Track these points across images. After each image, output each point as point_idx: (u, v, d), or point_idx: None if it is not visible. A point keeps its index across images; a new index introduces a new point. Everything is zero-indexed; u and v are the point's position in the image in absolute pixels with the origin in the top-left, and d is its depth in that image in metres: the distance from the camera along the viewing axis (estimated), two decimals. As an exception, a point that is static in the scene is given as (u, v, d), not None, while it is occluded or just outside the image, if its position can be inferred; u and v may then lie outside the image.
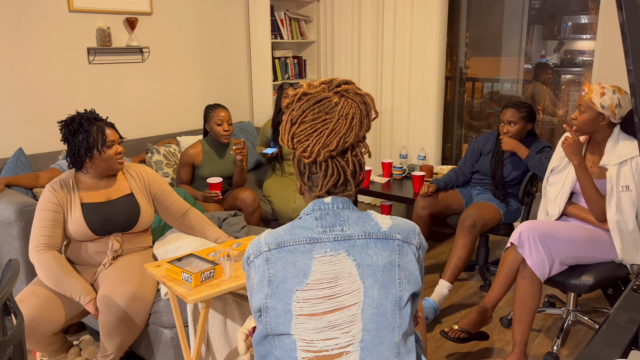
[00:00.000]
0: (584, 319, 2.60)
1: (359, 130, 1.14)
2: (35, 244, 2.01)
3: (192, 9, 3.91)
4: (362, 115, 1.14)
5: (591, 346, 1.09)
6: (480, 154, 3.09)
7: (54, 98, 3.24)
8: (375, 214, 1.17)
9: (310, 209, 1.16)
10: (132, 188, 2.22)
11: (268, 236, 1.15)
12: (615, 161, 2.22)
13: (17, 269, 1.35)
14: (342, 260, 1.11)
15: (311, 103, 1.14)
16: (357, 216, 1.15)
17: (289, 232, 1.14)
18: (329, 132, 1.11)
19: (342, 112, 1.12)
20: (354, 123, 1.13)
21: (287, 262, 1.11)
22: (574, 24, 3.65)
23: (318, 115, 1.13)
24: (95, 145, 2.05)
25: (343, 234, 1.12)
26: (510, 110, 2.87)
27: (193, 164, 3.17)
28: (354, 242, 1.12)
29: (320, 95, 1.14)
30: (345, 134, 1.12)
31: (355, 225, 1.14)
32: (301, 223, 1.15)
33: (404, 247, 1.14)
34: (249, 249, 1.18)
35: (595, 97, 2.21)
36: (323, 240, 1.12)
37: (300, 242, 1.12)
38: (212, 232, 2.31)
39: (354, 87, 1.16)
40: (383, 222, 1.16)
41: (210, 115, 3.11)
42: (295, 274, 1.10)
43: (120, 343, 1.99)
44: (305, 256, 1.11)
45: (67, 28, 3.23)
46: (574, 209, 2.39)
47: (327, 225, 1.13)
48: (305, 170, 1.18)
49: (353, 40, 4.41)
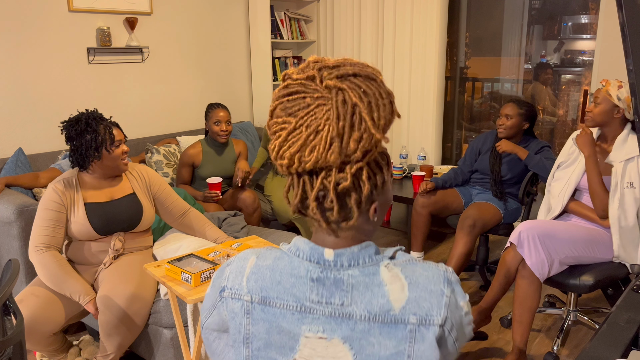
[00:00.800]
0: (584, 319, 2.60)
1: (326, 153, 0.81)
2: (36, 244, 2.01)
3: (192, 9, 3.90)
4: (333, 134, 0.80)
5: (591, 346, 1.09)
6: (479, 153, 3.10)
7: (54, 98, 3.24)
8: (389, 282, 0.86)
9: (306, 255, 0.90)
10: (134, 188, 2.22)
11: (252, 278, 0.91)
12: (622, 158, 2.24)
13: (17, 269, 1.34)
14: (336, 347, 0.87)
15: (282, 93, 0.86)
16: (364, 285, 0.86)
17: (277, 285, 0.89)
18: (282, 142, 0.84)
19: (305, 121, 0.82)
20: (316, 141, 0.81)
21: (272, 327, 0.89)
22: (574, 24, 3.65)
23: (280, 114, 0.85)
24: (104, 145, 2.06)
25: (342, 311, 0.87)
26: (510, 105, 2.90)
27: (193, 163, 3.17)
28: (354, 324, 0.86)
29: (297, 87, 0.85)
30: (299, 151, 0.82)
31: (359, 299, 0.86)
32: (293, 274, 0.89)
33: (419, 332, 0.85)
34: (230, 278, 0.93)
35: (613, 90, 2.24)
36: (316, 313, 0.87)
37: (289, 308, 0.88)
38: (212, 232, 2.31)
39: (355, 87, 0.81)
40: (397, 296, 0.86)
41: (210, 114, 3.12)
42: (280, 344, 0.89)
43: (120, 343, 1.99)
44: (292, 327, 0.88)
45: (67, 28, 3.23)
46: (576, 206, 2.40)
47: (325, 294, 0.87)
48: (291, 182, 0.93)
49: (353, 40, 4.41)
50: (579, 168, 2.38)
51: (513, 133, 2.91)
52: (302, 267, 0.89)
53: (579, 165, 2.38)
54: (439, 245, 3.80)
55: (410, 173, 3.88)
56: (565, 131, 3.85)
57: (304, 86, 0.84)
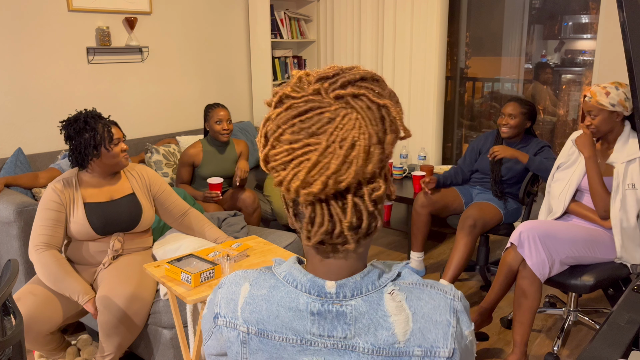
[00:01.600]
0: (585, 319, 2.59)
1: (365, 164, 0.72)
2: (35, 243, 2.01)
3: (191, 9, 3.90)
4: (371, 143, 0.73)
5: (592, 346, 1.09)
6: (480, 153, 3.10)
7: (53, 98, 3.24)
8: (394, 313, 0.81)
9: (305, 287, 0.83)
10: (134, 188, 2.22)
11: (247, 309, 0.85)
12: (623, 159, 2.23)
13: (17, 269, 1.34)
14: None
15: (291, 114, 0.74)
16: (369, 317, 0.81)
17: (275, 319, 0.83)
18: (312, 166, 0.72)
19: (336, 137, 0.72)
20: (353, 155, 0.72)
21: (271, 358, 0.85)
22: (574, 23, 3.64)
23: (298, 137, 0.73)
24: (103, 143, 2.06)
25: (345, 343, 0.82)
26: (513, 104, 2.89)
27: (193, 163, 3.17)
28: (357, 357, 0.81)
29: (309, 102, 0.74)
30: (338, 171, 0.72)
31: (363, 332, 0.81)
32: (291, 307, 0.83)
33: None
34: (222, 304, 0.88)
35: (602, 99, 2.21)
36: (318, 345, 0.83)
37: (289, 342, 0.83)
38: (212, 232, 2.30)
39: (371, 91, 0.74)
40: (401, 329, 0.81)
41: (210, 114, 3.11)
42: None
43: (119, 343, 1.99)
44: (293, 357, 0.84)
45: (66, 27, 3.23)
46: (577, 207, 2.40)
47: (327, 327, 0.82)
48: (290, 204, 0.82)
49: (353, 40, 4.41)
50: (579, 169, 2.37)
51: (516, 132, 2.90)
52: (302, 300, 0.83)
53: (579, 166, 2.37)
54: (439, 245, 3.80)
55: (410, 173, 3.87)
56: (565, 131, 3.85)
57: (313, 102, 0.74)
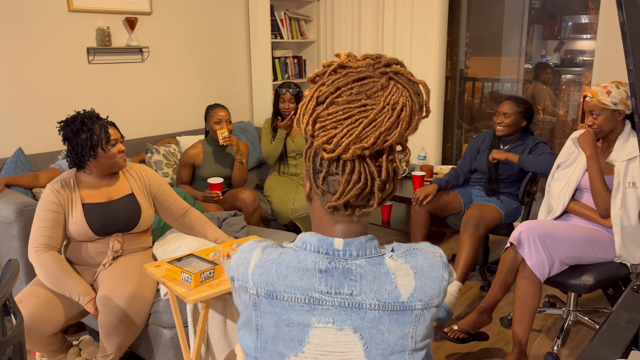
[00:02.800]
0: (585, 319, 2.60)
1: (406, 128, 0.86)
2: (35, 244, 2.01)
3: (192, 9, 3.90)
4: (414, 109, 0.86)
5: (591, 346, 1.09)
6: (478, 151, 3.10)
7: (54, 98, 3.24)
8: (396, 270, 0.90)
9: (313, 246, 0.91)
10: (132, 188, 2.22)
11: (257, 272, 0.91)
12: (624, 157, 2.23)
13: (17, 269, 1.34)
14: (347, 336, 0.89)
15: (350, 79, 0.86)
16: (372, 275, 0.89)
17: (284, 279, 0.90)
18: (368, 123, 0.84)
19: (390, 100, 0.84)
20: (402, 116, 0.85)
21: (280, 320, 0.90)
22: (574, 23, 3.65)
23: (357, 98, 0.85)
24: (100, 144, 2.05)
25: (352, 300, 0.89)
26: (508, 103, 2.91)
27: (193, 164, 3.17)
28: (364, 313, 0.88)
29: (364, 72, 0.86)
30: (389, 129, 0.84)
31: (368, 288, 0.89)
32: (300, 267, 0.90)
33: (423, 315, 0.91)
34: (234, 269, 0.95)
35: (604, 98, 2.21)
36: (325, 304, 0.89)
37: (298, 301, 0.89)
38: (212, 232, 2.30)
39: (407, 72, 0.88)
40: (404, 285, 0.90)
41: (210, 114, 3.12)
42: (289, 337, 0.90)
43: (120, 343, 1.99)
44: (301, 319, 0.90)
45: (66, 28, 3.23)
46: (576, 206, 2.40)
47: (334, 284, 0.89)
48: (321, 169, 0.90)
49: (353, 40, 4.41)
50: (579, 168, 2.37)
51: (511, 131, 2.91)
52: (310, 260, 0.90)
53: (579, 165, 2.38)
54: (438, 245, 3.80)
55: (410, 173, 3.88)
56: (565, 131, 3.85)
57: (367, 72, 0.87)
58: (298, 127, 0.93)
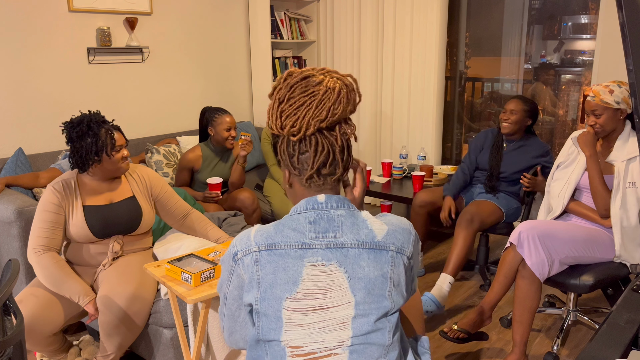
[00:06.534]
0: (584, 319, 2.60)
1: (347, 105, 1.14)
2: (34, 245, 2.00)
3: (192, 9, 3.90)
4: (348, 90, 1.15)
5: (591, 346, 1.09)
6: (482, 149, 3.10)
7: (54, 98, 3.24)
8: (370, 219, 1.16)
9: (302, 207, 1.15)
10: (134, 191, 2.21)
11: (258, 234, 1.13)
12: (623, 157, 2.23)
13: (17, 269, 1.34)
14: (334, 272, 1.10)
15: (298, 79, 1.14)
16: (351, 221, 1.14)
17: (280, 233, 1.12)
18: (318, 102, 1.12)
19: (329, 85, 1.13)
20: (341, 96, 1.13)
21: (277, 267, 1.10)
22: (574, 24, 3.65)
23: (306, 89, 1.13)
24: (105, 149, 2.04)
25: (336, 242, 1.11)
26: (515, 101, 2.93)
27: (192, 168, 3.15)
28: (347, 251, 1.11)
29: (306, 72, 1.15)
30: (334, 103, 1.12)
31: (349, 232, 1.12)
32: (293, 223, 1.13)
33: (396, 259, 1.13)
34: (237, 244, 1.15)
35: (606, 97, 2.21)
36: (315, 247, 1.11)
37: (292, 247, 1.11)
38: (214, 232, 2.30)
39: (335, 70, 1.19)
40: (378, 229, 1.14)
41: (217, 121, 3.08)
42: (285, 280, 1.10)
43: (120, 343, 1.99)
44: (296, 262, 1.10)
45: (67, 28, 3.23)
46: (576, 206, 2.40)
47: (320, 230, 1.12)
48: (294, 152, 1.16)
49: (353, 40, 4.41)
50: (579, 168, 2.37)
51: (516, 129, 2.92)
52: (301, 217, 1.14)
53: (579, 165, 2.38)
54: (438, 245, 3.80)
55: (410, 173, 3.88)
56: (565, 131, 3.85)
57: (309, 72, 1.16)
58: (271, 129, 1.16)
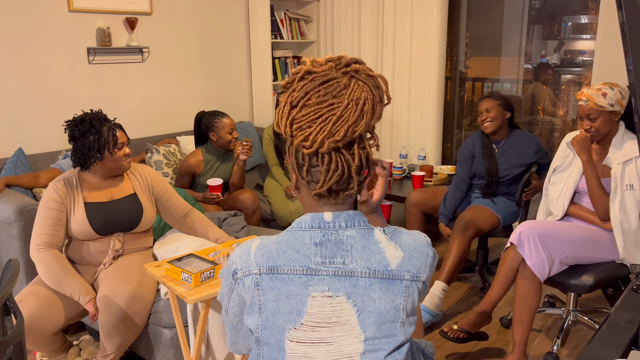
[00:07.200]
0: (584, 319, 2.60)
1: (371, 119, 0.98)
2: (37, 242, 2.01)
3: (192, 9, 3.90)
4: (375, 101, 0.98)
5: (591, 346, 1.09)
6: (474, 156, 3.04)
7: (54, 98, 3.24)
8: (383, 242, 1.00)
9: (307, 223, 1.01)
10: (135, 188, 2.22)
11: (258, 253, 1.00)
12: (620, 160, 2.22)
13: (17, 269, 1.34)
14: (341, 304, 0.97)
15: (316, 83, 0.97)
16: (362, 244, 0.99)
17: (283, 255, 0.99)
18: (336, 119, 0.95)
19: (353, 96, 0.96)
20: (365, 109, 0.96)
21: (280, 293, 0.98)
22: (574, 24, 3.65)
23: (324, 99, 0.96)
24: (107, 146, 2.05)
25: (345, 269, 0.98)
26: (486, 100, 2.90)
27: (194, 173, 3.14)
28: (356, 281, 0.98)
29: (328, 75, 0.98)
30: (355, 122, 0.96)
31: (359, 257, 0.98)
32: (297, 244, 1.00)
33: (411, 287, 1.00)
34: (237, 261, 1.03)
35: (600, 100, 2.20)
36: (321, 274, 0.98)
37: (296, 272, 0.98)
38: (214, 232, 2.31)
39: (366, 68, 1.00)
40: (392, 255, 0.99)
41: (218, 125, 3.05)
42: (288, 309, 0.98)
43: (120, 343, 1.99)
44: (300, 290, 0.98)
45: (67, 28, 3.23)
46: (576, 209, 2.39)
47: (327, 255, 0.98)
48: (304, 163, 1.01)
49: (353, 40, 4.41)
50: (576, 171, 2.36)
51: (499, 124, 2.87)
52: (306, 236, 1.00)
53: (575, 168, 2.37)
54: (436, 245, 3.80)
55: (410, 173, 3.88)
56: (565, 131, 3.85)
57: (330, 74, 0.98)
58: (278, 130, 1.01)
